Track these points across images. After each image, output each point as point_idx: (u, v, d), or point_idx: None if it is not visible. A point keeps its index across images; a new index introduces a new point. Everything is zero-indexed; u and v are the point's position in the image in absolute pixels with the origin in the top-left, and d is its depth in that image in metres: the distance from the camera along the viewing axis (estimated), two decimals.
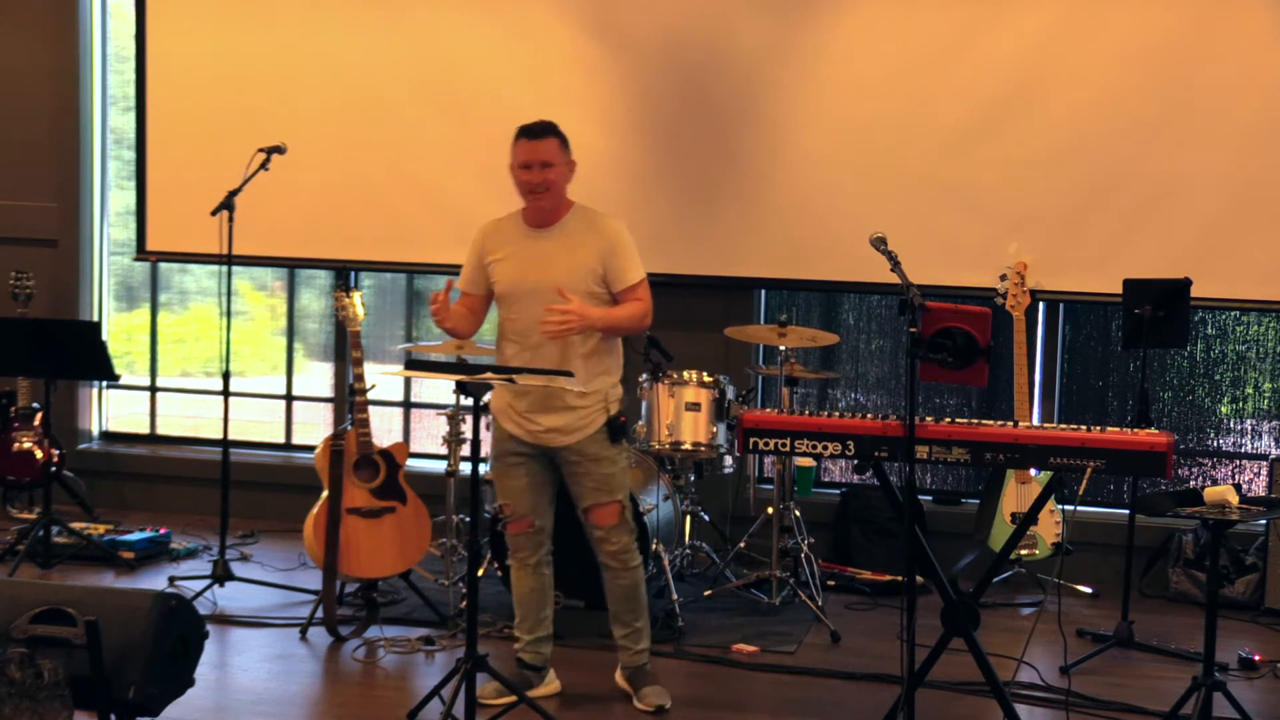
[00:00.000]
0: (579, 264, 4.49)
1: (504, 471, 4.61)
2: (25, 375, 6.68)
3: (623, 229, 4.59)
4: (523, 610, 4.69)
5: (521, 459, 4.58)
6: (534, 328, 4.45)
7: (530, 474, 4.59)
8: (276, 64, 6.94)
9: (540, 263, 4.50)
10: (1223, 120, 6.07)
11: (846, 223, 6.25)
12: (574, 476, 4.58)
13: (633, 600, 4.66)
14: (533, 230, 4.57)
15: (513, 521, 4.58)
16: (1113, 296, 5.66)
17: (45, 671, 1.96)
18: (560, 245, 4.52)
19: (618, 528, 4.60)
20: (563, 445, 4.53)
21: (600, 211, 4.63)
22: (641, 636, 4.69)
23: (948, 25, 6.30)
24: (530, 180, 4.48)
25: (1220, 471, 6.55)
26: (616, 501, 4.59)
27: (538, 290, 4.45)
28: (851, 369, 6.85)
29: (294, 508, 6.19)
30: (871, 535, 6.40)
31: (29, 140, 7.31)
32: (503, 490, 4.62)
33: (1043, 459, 4.08)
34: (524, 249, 4.55)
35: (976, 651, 4.16)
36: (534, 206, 4.54)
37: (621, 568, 4.62)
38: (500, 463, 4.63)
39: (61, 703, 1.94)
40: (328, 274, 7.27)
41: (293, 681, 4.88)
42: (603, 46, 6.60)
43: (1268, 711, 4.75)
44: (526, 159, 4.48)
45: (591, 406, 4.52)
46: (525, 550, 4.65)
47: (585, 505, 4.59)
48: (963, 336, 4.07)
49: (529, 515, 4.60)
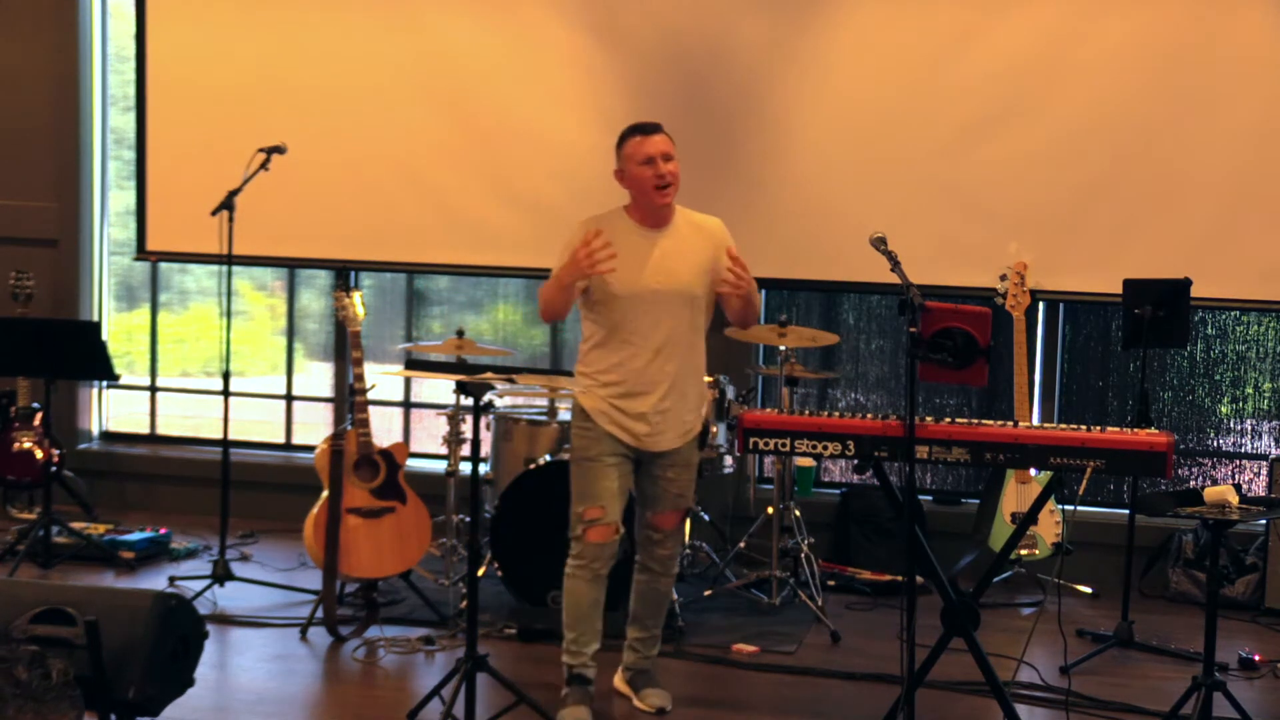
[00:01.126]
0: (699, 264, 4.41)
1: (599, 473, 4.39)
2: (25, 375, 6.67)
3: (724, 225, 4.54)
4: (584, 624, 4.44)
5: (617, 460, 4.40)
6: (656, 329, 4.35)
7: (621, 477, 4.42)
8: (276, 64, 6.94)
9: (662, 264, 4.37)
10: (1223, 120, 6.08)
11: (846, 223, 6.25)
12: (661, 480, 4.46)
13: (661, 605, 4.65)
14: (648, 230, 4.41)
15: (600, 526, 4.37)
16: (1113, 296, 5.66)
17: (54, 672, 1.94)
18: (678, 245, 4.41)
19: (677, 533, 4.56)
20: (665, 449, 4.42)
21: (693, 210, 4.54)
22: (654, 644, 4.68)
23: (948, 25, 6.30)
24: (658, 174, 4.32)
25: (1220, 471, 6.55)
26: (687, 509, 4.56)
27: (660, 293, 4.35)
28: (851, 369, 6.85)
29: (294, 508, 6.18)
30: (871, 535, 6.40)
31: (29, 140, 7.31)
32: (595, 494, 4.38)
33: (1043, 459, 4.08)
34: (640, 249, 4.38)
35: (976, 651, 4.16)
36: (660, 204, 4.37)
37: (664, 572, 4.58)
38: (596, 464, 4.39)
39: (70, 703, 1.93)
40: (328, 274, 7.27)
41: (293, 681, 4.87)
42: (603, 47, 6.60)
43: (1268, 711, 4.75)
44: (649, 153, 4.33)
45: (700, 410, 4.50)
46: (602, 559, 4.41)
47: (659, 509, 4.49)
48: (963, 336, 4.07)
49: (617, 520, 4.41)
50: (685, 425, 4.47)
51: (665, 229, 4.44)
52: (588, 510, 4.39)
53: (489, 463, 5.98)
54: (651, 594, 4.61)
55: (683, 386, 4.43)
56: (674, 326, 4.39)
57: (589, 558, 4.40)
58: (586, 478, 4.42)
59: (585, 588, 4.42)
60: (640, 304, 4.37)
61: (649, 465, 4.47)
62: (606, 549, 4.41)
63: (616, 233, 4.39)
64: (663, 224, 4.44)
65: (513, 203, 6.66)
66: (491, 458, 5.98)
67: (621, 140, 4.44)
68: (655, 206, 4.40)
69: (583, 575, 4.42)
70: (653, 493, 4.50)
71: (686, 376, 4.45)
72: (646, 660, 4.67)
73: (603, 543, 4.40)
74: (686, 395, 4.45)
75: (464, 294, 7.36)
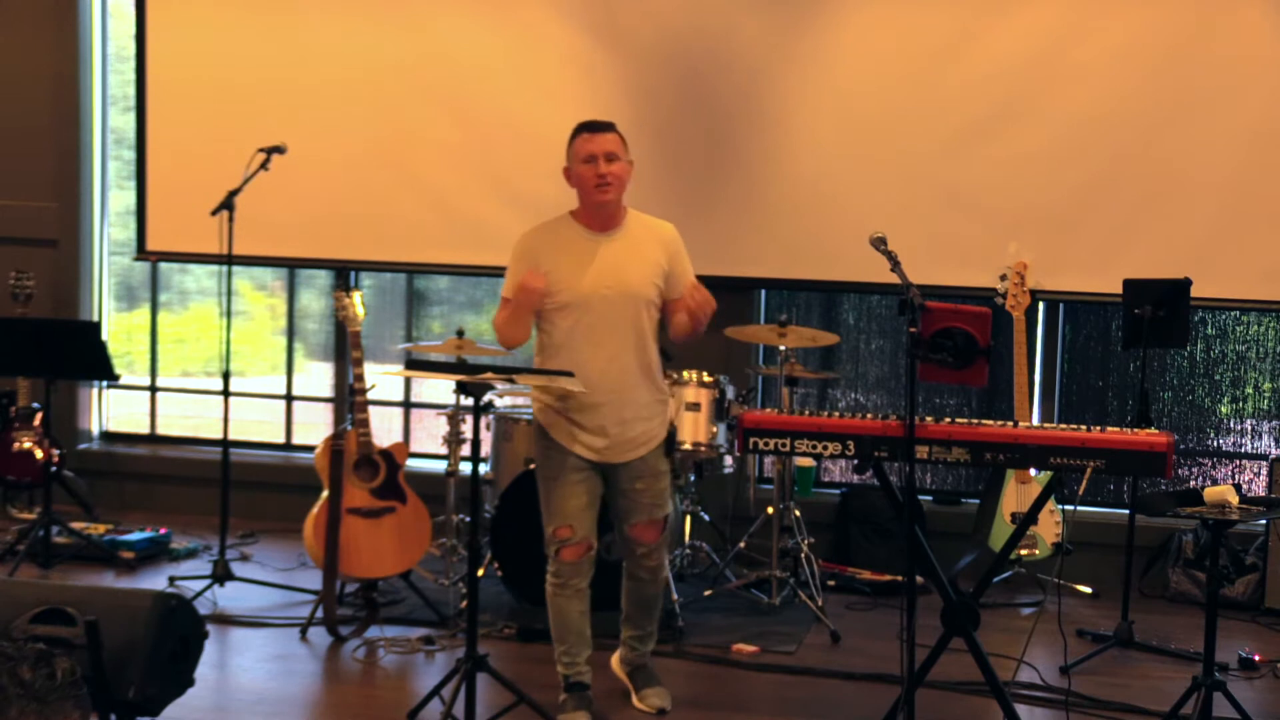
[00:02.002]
0: (650, 267, 4.34)
1: (565, 492, 4.33)
2: (25, 375, 6.67)
3: (677, 232, 4.48)
4: (573, 636, 4.43)
5: (582, 476, 4.34)
6: (610, 334, 4.28)
7: (589, 492, 4.36)
8: (276, 64, 6.94)
9: (611, 267, 4.30)
10: (1223, 120, 6.08)
11: (846, 223, 6.25)
12: (630, 493, 4.39)
13: (652, 608, 4.61)
14: (594, 234, 4.35)
15: (570, 546, 4.34)
16: (1113, 296, 5.66)
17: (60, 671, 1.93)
18: (627, 248, 4.33)
19: (660, 544, 4.49)
20: (629, 460, 4.35)
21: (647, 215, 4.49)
22: (650, 640, 4.67)
23: (948, 25, 6.30)
24: (597, 174, 4.26)
25: (1220, 471, 6.55)
26: (665, 518, 4.47)
27: (610, 297, 4.28)
28: (851, 369, 6.85)
29: (294, 508, 6.18)
30: (871, 535, 6.40)
31: (29, 140, 7.31)
32: (563, 513, 4.33)
33: (1043, 459, 4.07)
34: (587, 253, 4.32)
35: (976, 651, 4.16)
36: (598, 203, 4.30)
37: (653, 580, 4.53)
38: (559, 483, 4.34)
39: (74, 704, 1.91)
40: (328, 274, 7.27)
41: (293, 681, 4.87)
42: (602, 46, 6.60)
43: (1268, 711, 4.75)
44: (591, 151, 4.27)
45: (661, 416, 4.41)
46: (579, 576, 4.39)
47: (634, 521, 4.41)
48: (963, 336, 4.06)
49: (588, 537, 4.37)
50: (647, 434, 4.38)
51: (614, 232, 4.37)
52: (557, 530, 4.36)
53: (489, 463, 5.98)
54: (641, 598, 4.59)
55: (638, 393, 4.35)
56: (625, 332, 4.32)
57: (565, 575, 4.39)
58: (552, 497, 4.37)
59: (567, 603, 4.41)
60: (588, 310, 4.29)
61: (615, 478, 4.39)
62: (580, 566, 4.39)
63: (561, 239, 4.35)
64: (610, 227, 4.37)
65: (513, 202, 6.66)
66: (491, 458, 5.98)
67: (571, 138, 4.37)
68: (595, 205, 4.32)
69: (563, 592, 4.41)
70: (625, 506, 4.43)
71: (641, 382, 4.36)
72: (642, 656, 4.67)
73: (575, 561, 4.37)
74: (643, 401, 4.36)
75: (464, 294, 7.36)
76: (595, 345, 4.29)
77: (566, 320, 4.32)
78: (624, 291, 4.30)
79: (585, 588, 4.43)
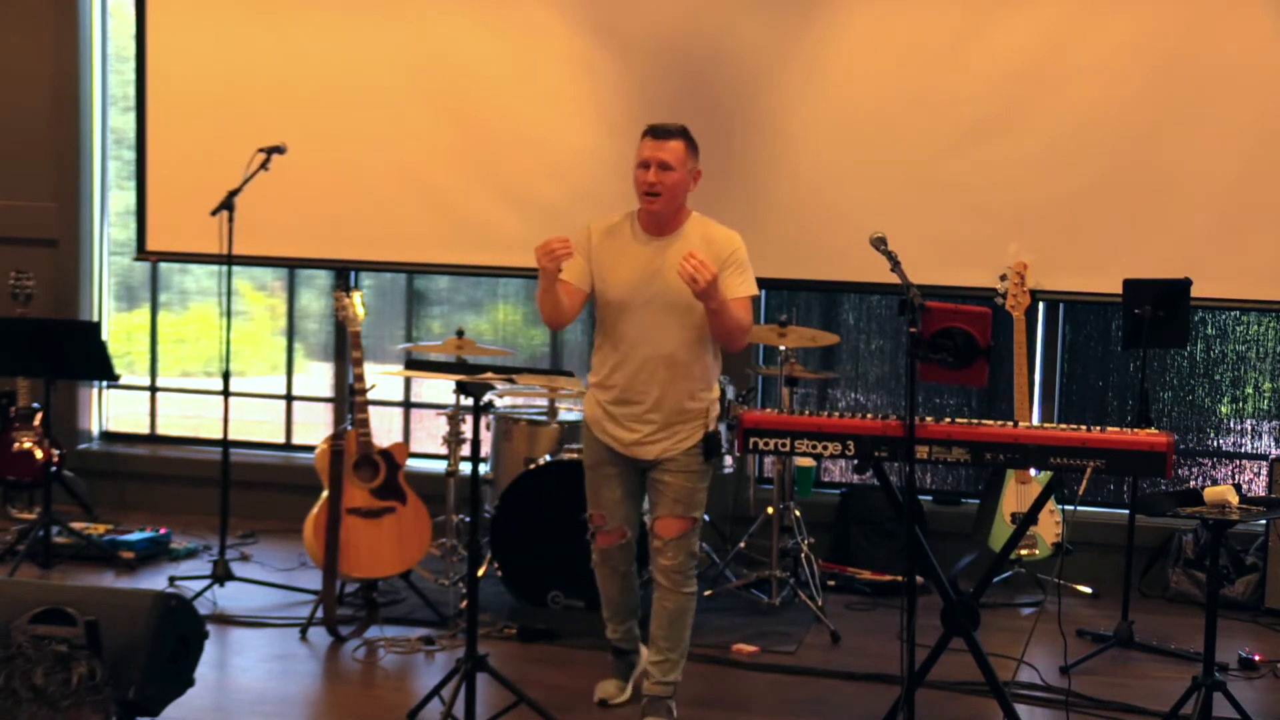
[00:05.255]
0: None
1: (599, 483, 4.48)
2: (25, 375, 6.67)
3: (739, 243, 4.38)
4: (613, 605, 4.62)
5: (617, 470, 4.44)
6: (646, 339, 4.31)
7: (624, 485, 4.46)
8: (276, 64, 6.94)
9: (655, 272, 4.29)
10: (1223, 120, 6.07)
11: (846, 223, 6.25)
12: (658, 484, 4.40)
13: (675, 627, 4.42)
14: (648, 237, 4.35)
15: (604, 533, 4.50)
16: (1113, 296, 5.65)
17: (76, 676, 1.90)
18: (677, 255, 4.21)
19: (678, 543, 4.37)
20: (658, 457, 4.37)
21: (717, 223, 4.44)
22: (671, 669, 4.44)
23: (948, 25, 6.30)
24: (645, 180, 4.27)
25: (1220, 471, 6.55)
26: (690, 519, 4.41)
27: (653, 303, 4.29)
28: (851, 369, 6.85)
29: (294, 508, 6.18)
30: (871, 535, 6.40)
31: (29, 140, 7.31)
32: (597, 501, 4.49)
33: (1043, 459, 4.08)
34: (636, 256, 4.34)
35: (976, 651, 4.16)
36: (646, 210, 4.32)
37: (671, 588, 4.39)
38: (595, 473, 4.49)
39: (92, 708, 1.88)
40: (328, 274, 7.27)
41: (293, 681, 4.88)
42: (603, 47, 6.60)
43: (1268, 711, 4.75)
44: (645, 158, 4.28)
45: (694, 421, 4.38)
46: (616, 559, 4.53)
47: (657, 515, 4.42)
48: (963, 336, 4.06)
49: (623, 526, 4.49)
50: (678, 435, 4.37)
51: (669, 237, 4.36)
52: (592, 516, 4.53)
53: (489, 463, 5.98)
54: (661, 611, 4.41)
55: (674, 398, 4.34)
56: (666, 336, 4.32)
57: (602, 558, 4.57)
58: (590, 485, 4.54)
59: (608, 577, 4.59)
60: (631, 311, 4.33)
61: (649, 471, 4.44)
62: (613, 552, 4.54)
63: (618, 236, 4.39)
64: (665, 231, 4.36)
65: (513, 203, 6.66)
66: (491, 458, 5.98)
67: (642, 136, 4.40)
68: (645, 213, 4.36)
69: (603, 570, 4.59)
70: (653, 498, 4.47)
71: (675, 384, 4.34)
72: (661, 687, 4.43)
73: (608, 548, 4.53)
74: (679, 407, 4.35)
75: (464, 294, 7.36)
76: (632, 344, 4.35)
77: (610, 316, 4.40)
78: (667, 298, 4.29)
79: (624, 571, 4.57)
